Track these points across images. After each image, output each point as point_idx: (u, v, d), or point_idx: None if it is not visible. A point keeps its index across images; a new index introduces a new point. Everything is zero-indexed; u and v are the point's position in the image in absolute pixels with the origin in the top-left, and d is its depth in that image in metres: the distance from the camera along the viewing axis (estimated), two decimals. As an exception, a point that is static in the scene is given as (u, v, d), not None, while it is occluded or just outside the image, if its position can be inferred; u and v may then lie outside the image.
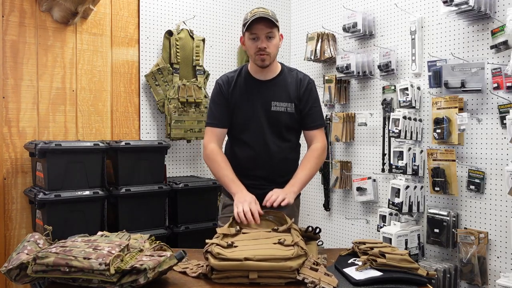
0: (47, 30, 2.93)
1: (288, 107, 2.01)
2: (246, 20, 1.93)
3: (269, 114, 1.99)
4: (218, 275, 1.39)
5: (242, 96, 2.02)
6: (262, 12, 1.90)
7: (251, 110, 2.00)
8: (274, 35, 1.94)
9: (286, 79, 2.05)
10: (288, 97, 2.01)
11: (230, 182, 1.92)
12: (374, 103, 3.20)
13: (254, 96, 2.01)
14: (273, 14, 1.95)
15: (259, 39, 1.92)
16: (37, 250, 1.46)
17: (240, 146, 2.04)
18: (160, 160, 2.99)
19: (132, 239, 1.62)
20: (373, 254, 1.51)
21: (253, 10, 1.93)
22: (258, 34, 1.91)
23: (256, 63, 1.98)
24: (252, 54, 1.96)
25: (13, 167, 2.83)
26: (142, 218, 2.84)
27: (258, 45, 1.92)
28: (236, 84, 2.03)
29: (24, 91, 2.85)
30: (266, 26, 1.90)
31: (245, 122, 2.01)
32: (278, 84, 2.03)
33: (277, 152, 2.01)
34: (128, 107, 3.23)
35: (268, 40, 1.92)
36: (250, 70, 2.06)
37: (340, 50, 3.45)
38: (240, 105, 2.01)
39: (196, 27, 3.48)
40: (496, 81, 2.39)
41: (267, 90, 2.01)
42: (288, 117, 2.02)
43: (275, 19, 1.93)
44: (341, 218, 3.49)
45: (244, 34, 1.96)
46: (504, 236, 2.44)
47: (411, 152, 2.76)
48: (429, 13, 2.83)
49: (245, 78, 2.05)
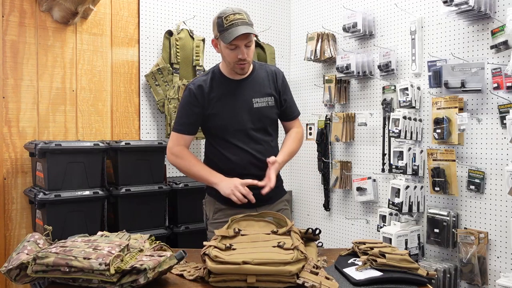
0: (47, 30, 2.93)
1: (268, 101, 2.01)
2: (220, 26, 1.84)
3: (252, 111, 1.98)
4: (216, 279, 1.37)
5: (221, 100, 1.96)
6: (240, 20, 1.82)
7: (234, 111, 1.96)
8: (252, 41, 1.90)
9: (260, 75, 2.04)
10: (266, 91, 2.02)
11: (208, 174, 1.92)
12: (374, 103, 3.20)
13: (234, 97, 1.97)
14: (247, 16, 1.86)
15: (239, 48, 1.86)
16: (37, 250, 1.47)
17: (229, 149, 1.98)
18: (160, 160, 2.99)
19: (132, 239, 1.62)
20: (373, 254, 1.51)
21: (229, 16, 1.83)
22: (238, 44, 1.85)
23: (235, 71, 1.94)
24: (231, 62, 1.91)
25: (13, 167, 2.83)
26: (142, 218, 2.84)
27: (238, 56, 1.87)
28: (212, 88, 1.97)
29: (24, 91, 2.85)
30: (246, 36, 1.84)
31: (229, 125, 1.97)
32: (254, 81, 2.01)
33: (265, 147, 2.02)
34: (128, 107, 3.23)
35: (247, 48, 1.88)
36: (223, 71, 2.00)
37: (340, 50, 3.45)
38: (221, 108, 1.96)
39: (196, 27, 3.48)
40: (496, 81, 2.39)
41: (246, 89, 1.99)
42: (271, 110, 2.03)
43: (251, 23, 1.86)
44: (341, 218, 3.49)
45: (219, 39, 1.89)
46: (504, 236, 2.44)
47: (411, 152, 2.77)
48: (429, 13, 2.83)
49: (220, 80, 1.99)
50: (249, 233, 1.58)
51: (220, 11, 1.88)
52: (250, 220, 1.69)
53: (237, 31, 1.80)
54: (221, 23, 1.84)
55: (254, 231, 1.61)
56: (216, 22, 1.87)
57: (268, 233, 1.58)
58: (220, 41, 1.88)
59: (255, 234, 1.57)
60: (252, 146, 1.98)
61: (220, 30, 1.86)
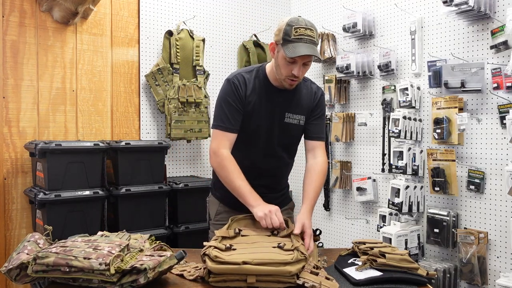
0: (47, 30, 2.93)
1: (300, 120, 1.92)
2: (287, 35, 1.71)
3: (282, 125, 1.90)
4: (216, 279, 1.37)
5: (259, 102, 1.86)
6: (309, 38, 1.70)
7: (265, 118, 1.87)
8: (311, 61, 1.78)
9: (302, 90, 1.93)
10: (302, 109, 1.92)
11: (248, 194, 1.75)
12: (374, 103, 3.20)
13: (270, 104, 1.87)
14: (316, 34, 1.74)
15: (296, 64, 1.74)
16: (37, 250, 1.47)
17: (246, 153, 1.90)
18: (160, 160, 2.99)
19: (132, 239, 1.62)
20: (373, 254, 1.51)
21: (300, 29, 1.70)
22: (298, 60, 1.73)
23: (283, 84, 1.83)
24: (283, 75, 1.79)
25: (13, 167, 2.83)
26: (142, 218, 2.84)
27: (293, 71, 1.75)
28: (254, 87, 1.86)
29: (24, 91, 2.85)
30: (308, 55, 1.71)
31: (257, 129, 1.88)
32: (294, 95, 1.90)
33: (282, 163, 1.97)
34: (128, 107, 3.24)
35: (304, 66, 1.77)
36: (268, 75, 1.89)
37: (340, 50, 3.45)
38: (256, 111, 1.86)
39: (196, 27, 3.48)
40: (496, 81, 2.39)
41: (283, 100, 1.89)
42: (298, 130, 1.94)
43: (317, 43, 1.75)
44: (341, 218, 3.49)
45: (279, 46, 1.76)
46: (504, 236, 2.44)
47: (411, 152, 2.77)
48: (429, 13, 2.83)
49: (263, 82, 1.88)
50: (249, 234, 1.58)
51: (292, 18, 1.74)
52: (250, 220, 1.69)
53: (303, 49, 1.69)
54: (289, 33, 1.70)
55: (254, 231, 1.61)
56: (284, 29, 1.72)
57: (268, 234, 1.57)
58: (280, 50, 1.74)
59: (256, 235, 1.57)
60: (270, 158, 1.92)
61: (285, 39, 1.72)
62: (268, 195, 1.87)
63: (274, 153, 1.92)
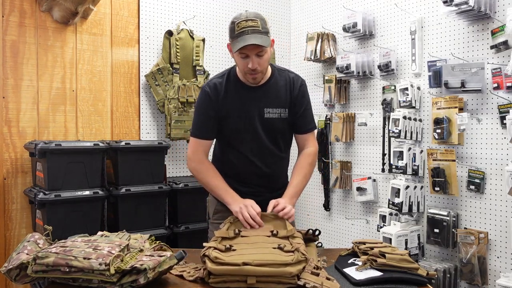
0: (47, 30, 2.93)
1: (281, 113, 1.91)
2: (232, 32, 1.75)
3: (264, 121, 1.89)
4: (216, 280, 1.36)
5: (234, 104, 1.88)
6: (251, 28, 1.71)
7: (246, 118, 1.88)
8: (266, 51, 1.77)
9: (278, 83, 1.92)
10: (281, 102, 1.91)
11: (224, 193, 1.83)
12: (374, 103, 3.20)
13: (247, 104, 1.88)
14: (262, 23, 1.75)
15: (249, 57, 1.75)
16: (37, 250, 1.46)
17: (236, 155, 1.93)
18: (160, 160, 2.99)
19: (132, 239, 1.62)
20: (373, 254, 1.51)
21: (241, 23, 1.72)
22: (248, 54, 1.74)
23: (247, 80, 1.85)
24: (242, 70, 1.82)
25: (13, 167, 2.83)
26: (142, 218, 2.84)
27: (248, 65, 1.76)
28: (226, 91, 1.88)
29: (24, 91, 2.85)
30: (257, 45, 1.72)
31: (240, 131, 1.89)
32: (269, 90, 1.90)
33: (274, 159, 1.96)
34: (128, 107, 3.23)
35: (258, 58, 1.76)
36: (238, 75, 1.90)
37: (340, 50, 3.45)
38: (234, 113, 1.88)
39: (196, 27, 3.48)
40: (496, 81, 2.39)
41: (259, 97, 1.88)
42: (282, 123, 1.92)
43: (265, 31, 1.74)
44: (341, 218, 3.49)
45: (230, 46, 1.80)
46: (504, 236, 2.44)
47: (411, 152, 2.76)
48: (429, 13, 2.83)
49: (235, 84, 1.89)
50: (249, 235, 1.57)
51: (235, 15, 1.78)
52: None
53: (246, 40, 1.70)
54: (233, 29, 1.75)
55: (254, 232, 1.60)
56: (229, 27, 1.77)
57: (269, 235, 1.57)
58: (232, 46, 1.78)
59: (255, 235, 1.57)
60: (260, 156, 1.92)
61: (231, 36, 1.77)
62: (266, 194, 1.88)
63: (265, 149, 1.93)
